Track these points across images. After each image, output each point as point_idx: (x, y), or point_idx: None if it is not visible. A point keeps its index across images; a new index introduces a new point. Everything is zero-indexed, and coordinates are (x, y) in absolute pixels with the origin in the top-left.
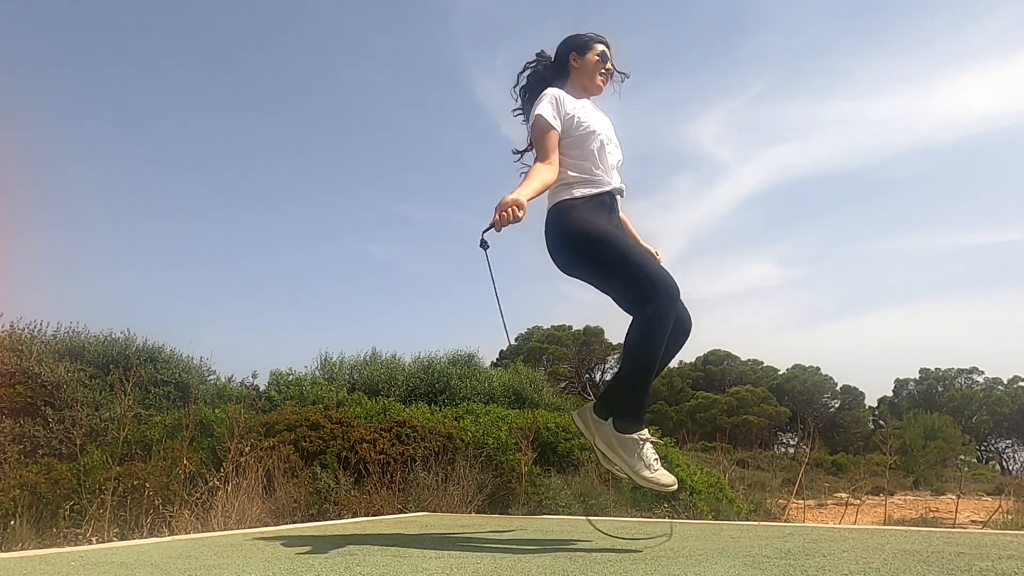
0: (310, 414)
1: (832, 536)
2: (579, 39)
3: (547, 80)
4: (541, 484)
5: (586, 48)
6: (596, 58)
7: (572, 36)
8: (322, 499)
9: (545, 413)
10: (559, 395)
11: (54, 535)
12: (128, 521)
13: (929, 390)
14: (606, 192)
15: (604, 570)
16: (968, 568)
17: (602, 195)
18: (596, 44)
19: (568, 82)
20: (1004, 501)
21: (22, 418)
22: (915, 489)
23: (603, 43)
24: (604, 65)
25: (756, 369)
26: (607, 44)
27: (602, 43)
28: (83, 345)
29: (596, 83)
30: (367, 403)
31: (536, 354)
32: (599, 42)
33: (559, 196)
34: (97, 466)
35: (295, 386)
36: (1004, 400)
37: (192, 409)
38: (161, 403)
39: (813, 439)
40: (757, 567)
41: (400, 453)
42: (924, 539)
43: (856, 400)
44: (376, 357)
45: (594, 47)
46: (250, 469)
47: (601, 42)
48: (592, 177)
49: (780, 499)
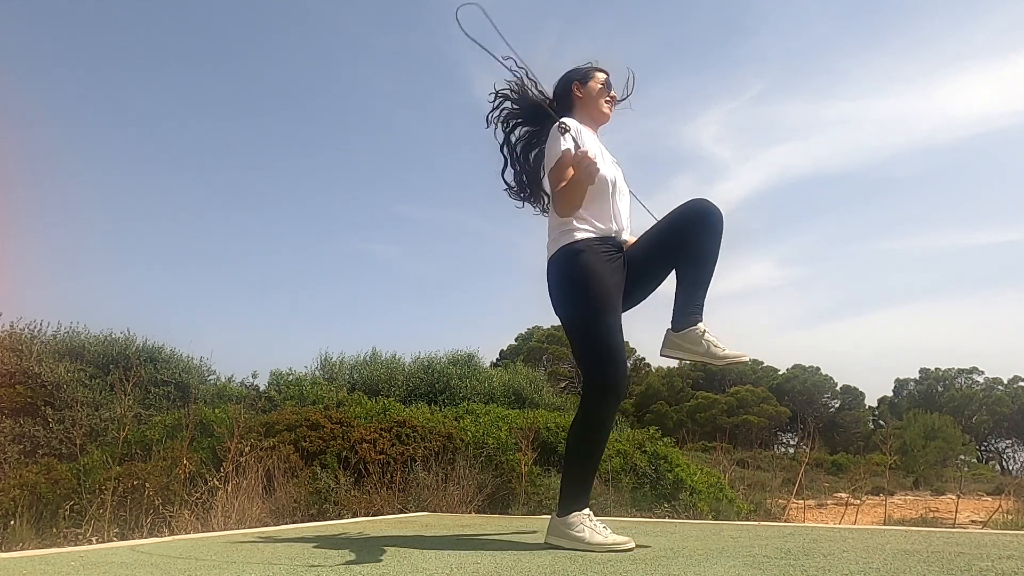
0: (310, 414)
1: (832, 536)
2: (579, 70)
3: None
4: (541, 484)
5: (588, 77)
6: (600, 85)
7: (570, 70)
8: (322, 499)
9: (545, 413)
10: (559, 395)
11: (54, 535)
12: (128, 521)
13: (929, 390)
14: (612, 235)
15: (604, 570)
16: (968, 568)
17: (608, 238)
18: (597, 72)
19: (573, 115)
20: (1004, 501)
21: (22, 418)
22: (915, 489)
23: (604, 71)
24: (609, 92)
25: (756, 369)
26: (607, 72)
27: (602, 71)
28: (83, 345)
29: (603, 111)
30: (367, 403)
31: (536, 354)
32: (600, 71)
33: (566, 239)
34: (97, 466)
35: (295, 386)
36: (1004, 400)
37: (192, 409)
38: (161, 403)
39: (813, 439)
40: (757, 567)
41: (400, 453)
42: (924, 539)
43: (856, 400)
44: (376, 357)
45: (596, 75)
46: (250, 469)
47: (601, 70)
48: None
49: (780, 499)
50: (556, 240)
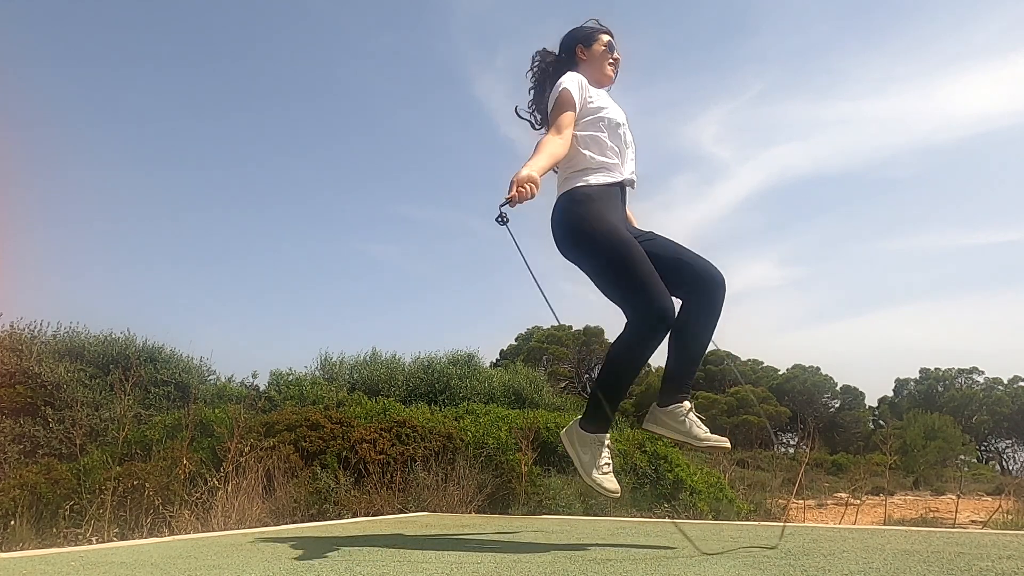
0: (310, 414)
1: (832, 536)
2: (583, 31)
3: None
4: (541, 484)
5: (591, 39)
6: (603, 48)
7: (575, 29)
8: (322, 499)
9: (545, 413)
10: (559, 395)
11: (54, 535)
12: (128, 521)
13: (929, 390)
14: (618, 183)
15: (604, 570)
16: (968, 568)
17: (615, 185)
18: (601, 35)
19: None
20: (1004, 501)
21: (22, 418)
22: (915, 489)
23: (607, 33)
24: (612, 55)
25: (756, 369)
26: (611, 34)
27: (606, 33)
28: (83, 345)
29: (606, 73)
30: (367, 403)
31: (536, 354)
32: (603, 32)
33: (573, 182)
34: (97, 466)
35: (295, 386)
36: (1004, 400)
37: (192, 409)
38: (161, 403)
39: (813, 439)
40: (757, 567)
41: (400, 453)
42: (924, 539)
43: (856, 400)
44: (376, 357)
45: (599, 37)
46: (250, 469)
47: (605, 32)
48: (607, 165)
49: (780, 499)
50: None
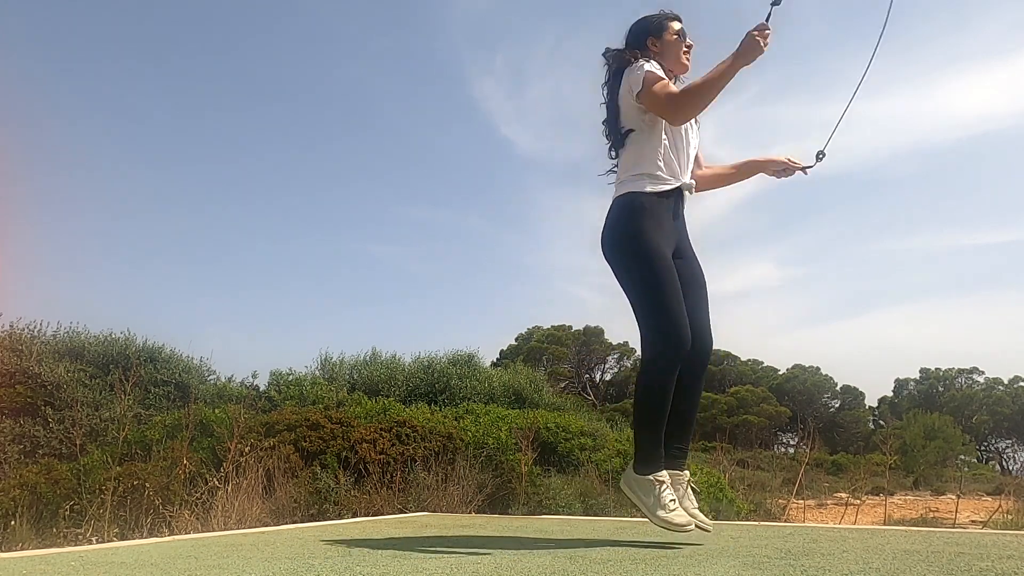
0: (310, 414)
1: (832, 536)
2: (651, 21)
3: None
4: (541, 484)
5: (662, 29)
6: (674, 36)
7: (641, 20)
8: (322, 499)
9: (545, 413)
10: (559, 395)
11: (54, 535)
12: (128, 521)
13: (929, 390)
14: (675, 189)
15: (604, 570)
16: (968, 568)
17: (671, 193)
18: (670, 22)
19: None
20: (1004, 501)
21: (22, 418)
22: (915, 489)
23: (677, 19)
24: (685, 42)
25: (756, 369)
26: (680, 20)
27: (676, 20)
28: (83, 345)
29: (683, 63)
30: (367, 403)
31: (536, 354)
32: (672, 19)
33: (632, 186)
34: (97, 466)
35: (295, 386)
36: (1004, 400)
37: (192, 409)
38: (161, 403)
39: (813, 439)
40: (757, 567)
41: (400, 453)
42: (924, 539)
43: (856, 400)
44: (376, 357)
45: (669, 26)
46: (250, 469)
47: (675, 19)
48: (666, 170)
49: (780, 499)
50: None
